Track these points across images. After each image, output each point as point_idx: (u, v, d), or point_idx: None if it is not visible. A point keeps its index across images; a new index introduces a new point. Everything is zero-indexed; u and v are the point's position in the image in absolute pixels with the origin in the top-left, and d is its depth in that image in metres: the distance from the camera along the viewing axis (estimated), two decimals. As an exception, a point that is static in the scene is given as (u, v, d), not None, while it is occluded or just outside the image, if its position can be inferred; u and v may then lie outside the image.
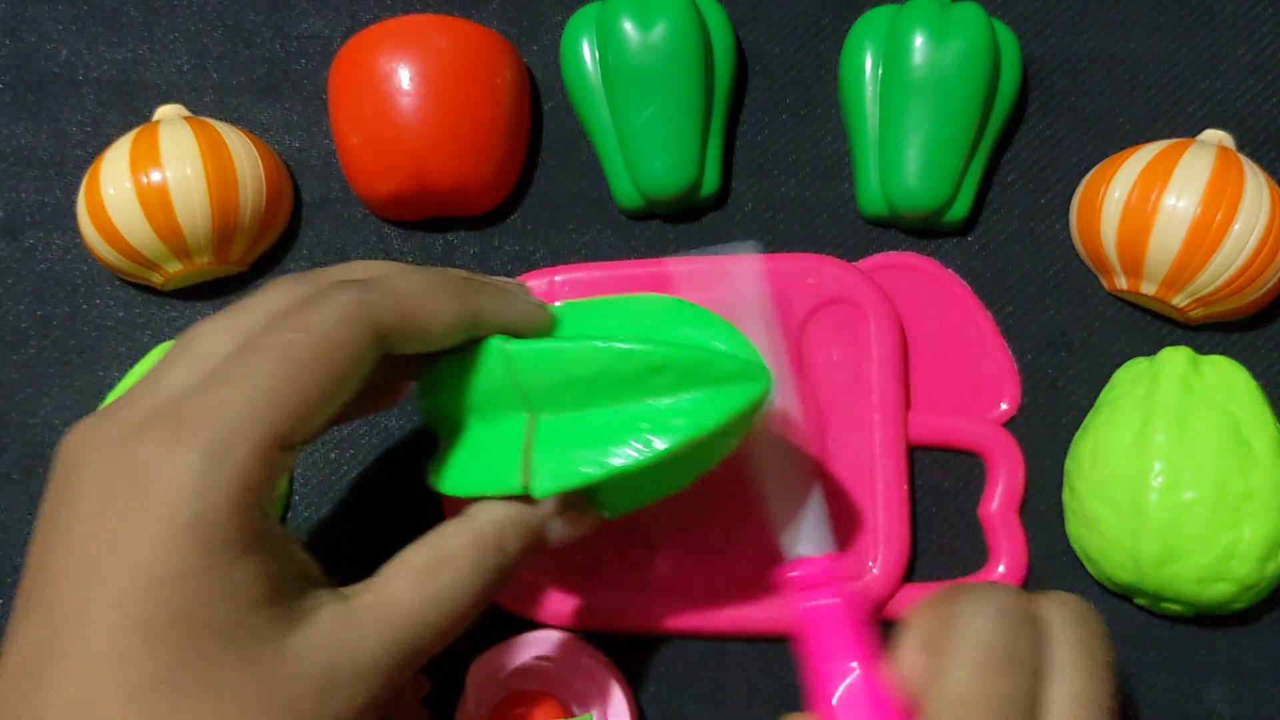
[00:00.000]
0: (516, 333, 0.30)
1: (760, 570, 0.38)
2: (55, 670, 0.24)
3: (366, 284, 0.28)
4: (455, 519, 0.29)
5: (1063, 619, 0.28)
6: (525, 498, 0.29)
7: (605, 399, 0.30)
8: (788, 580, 0.32)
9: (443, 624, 0.27)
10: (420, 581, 0.27)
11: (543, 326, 0.31)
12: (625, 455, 0.29)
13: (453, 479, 0.30)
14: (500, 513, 0.29)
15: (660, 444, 0.29)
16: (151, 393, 0.27)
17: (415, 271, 0.30)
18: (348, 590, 0.27)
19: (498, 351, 0.30)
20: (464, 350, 0.31)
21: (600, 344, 0.29)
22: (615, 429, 0.29)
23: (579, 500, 0.31)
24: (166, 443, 0.25)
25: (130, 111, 0.45)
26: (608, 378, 0.29)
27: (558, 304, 0.33)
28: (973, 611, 0.27)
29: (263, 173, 0.41)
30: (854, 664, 0.29)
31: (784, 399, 0.32)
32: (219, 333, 0.27)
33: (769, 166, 0.43)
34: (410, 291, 0.28)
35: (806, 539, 0.32)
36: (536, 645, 0.37)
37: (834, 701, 0.28)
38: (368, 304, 0.27)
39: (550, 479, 0.29)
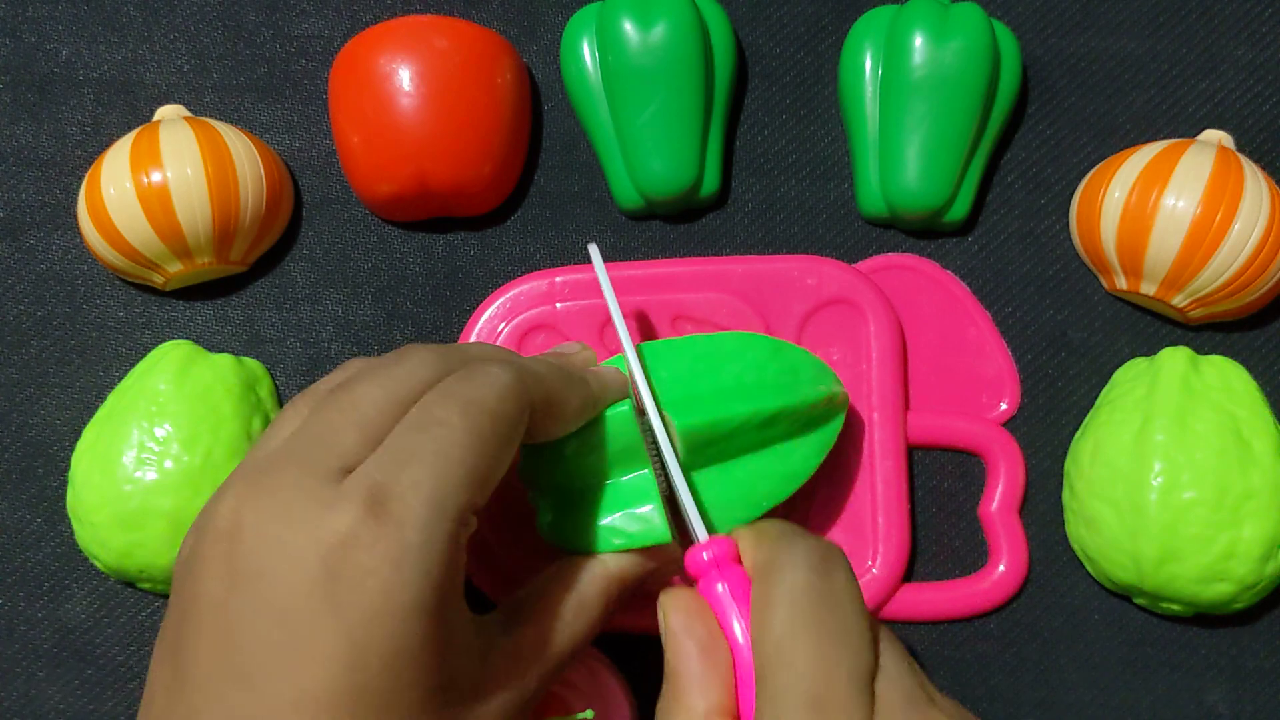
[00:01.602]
0: (610, 403, 0.33)
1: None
2: None
3: (519, 371, 0.29)
4: (589, 561, 0.32)
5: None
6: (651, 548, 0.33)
7: (743, 449, 0.35)
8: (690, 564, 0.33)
9: (574, 654, 0.31)
10: (565, 624, 0.30)
11: (625, 388, 0.34)
12: (785, 489, 0.35)
13: (588, 536, 0.32)
14: (627, 563, 0.32)
15: (798, 481, 0.35)
16: (325, 454, 0.27)
17: (539, 360, 0.32)
18: (503, 623, 0.30)
19: (625, 418, 0.32)
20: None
21: (752, 409, 0.34)
22: (761, 471, 0.35)
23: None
24: (378, 520, 0.25)
25: (130, 111, 0.45)
26: (744, 435, 0.34)
27: (641, 344, 0.36)
28: (787, 561, 0.28)
29: (263, 173, 0.41)
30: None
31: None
32: (378, 399, 0.28)
33: (769, 166, 0.43)
34: (549, 377, 0.30)
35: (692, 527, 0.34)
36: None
37: (719, 590, 0.30)
38: (522, 383, 0.29)
39: (735, 519, 0.34)
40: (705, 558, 0.30)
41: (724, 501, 0.34)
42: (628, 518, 0.32)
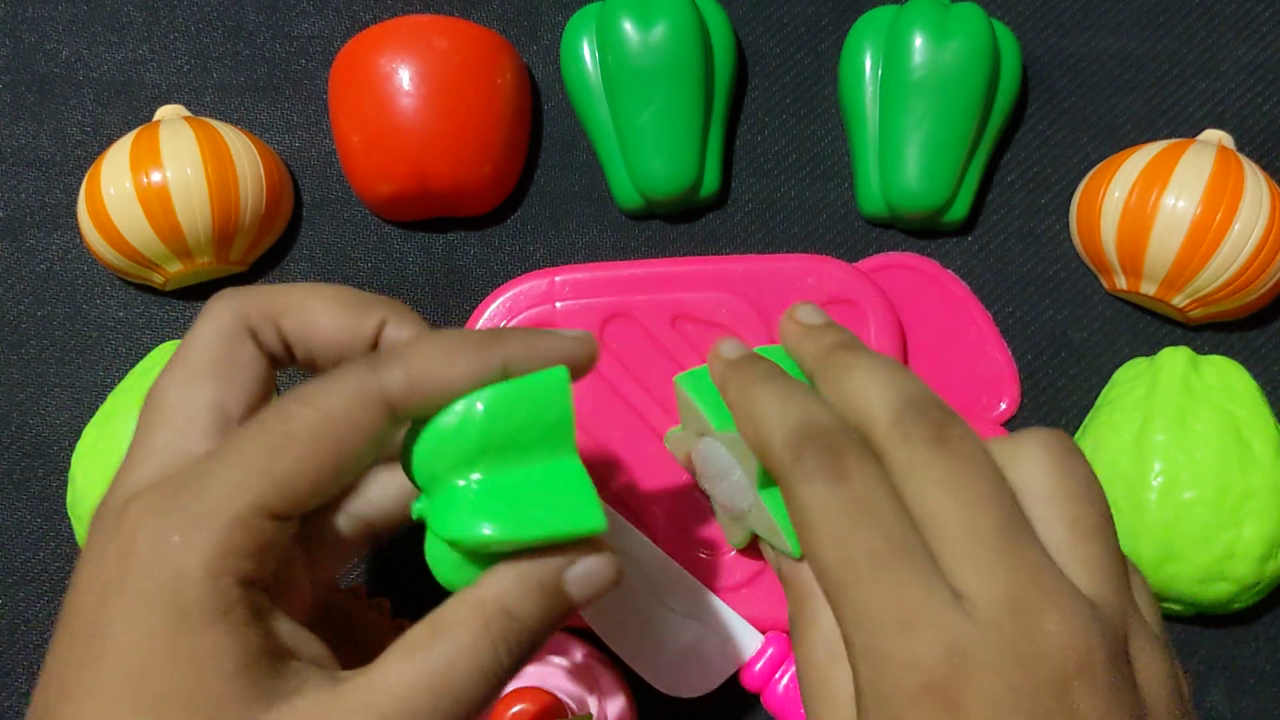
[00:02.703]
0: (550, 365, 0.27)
1: (756, 569, 0.38)
2: None
3: (379, 359, 0.26)
4: (460, 595, 0.25)
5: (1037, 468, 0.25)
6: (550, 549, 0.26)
7: None
8: (748, 682, 0.34)
9: (443, 705, 0.24)
10: (412, 658, 0.24)
11: (583, 359, 0.27)
12: None
13: (506, 521, 0.25)
14: (508, 576, 0.25)
15: None
16: (147, 459, 0.26)
17: (435, 334, 0.27)
18: (344, 673, 0.25)
19: (555, 382, 0.26)
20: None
21: None
22: None
23: (597, 545, 0.27)
24: (151, 512, 0.24)
25: (130, 111, 0.45)
26: None
27: (679, 375, 0.33)
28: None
29: (263, 173, 0.41)
30: None
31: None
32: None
33: (769, 166, 0.43)
34: (424, 356, 0.26)
35: (737, 646, 0.34)
36: (536, 645, 0.37)
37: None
38: (378, 381, 0.25)
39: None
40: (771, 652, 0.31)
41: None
42: (551, 502, 0.25)
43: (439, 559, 0.26)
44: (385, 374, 0.25)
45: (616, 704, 0.37)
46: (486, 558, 0.26)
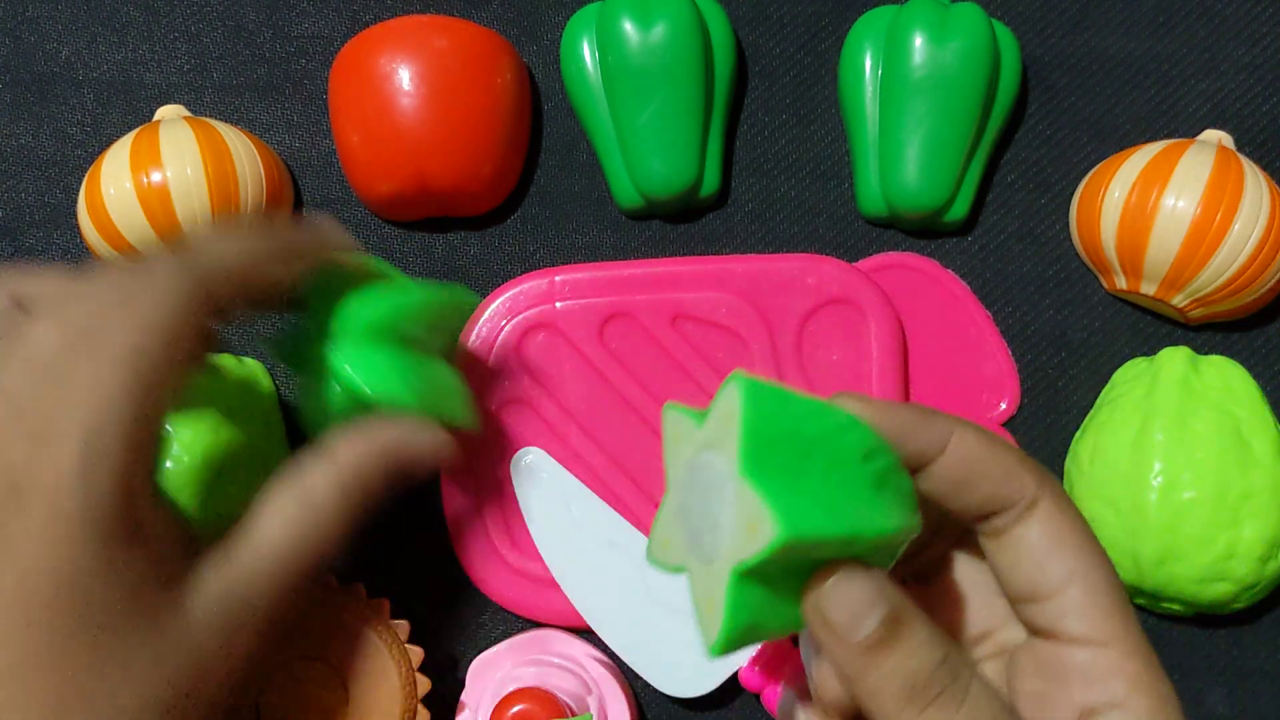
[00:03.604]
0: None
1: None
2: None
3: (191, 270, 0.29)
4: (320, 458, 0.31)
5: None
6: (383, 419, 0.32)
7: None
8: (748, 682, 0.35)
9: (316, 554, 0.30)
10: (292, 529, 0.30)
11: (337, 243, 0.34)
12: None
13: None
14: (361, 450, 0.31)
15: None
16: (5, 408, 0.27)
17: (234, 239, 0.32)
18: (227, 544, 0.29)
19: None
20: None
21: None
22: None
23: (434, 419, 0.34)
24: (37, 444, 0.26)
25: (130, 111, 0.45)
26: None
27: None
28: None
29: (263, 173, 0.41)
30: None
31: None
32: (49, 333, 0.28)
33: (769, 166, 0.43)
34: (241, 257, 0.31)
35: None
36: (536, 645, 0.37)
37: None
38: (198, 289, 0.29)
39: None
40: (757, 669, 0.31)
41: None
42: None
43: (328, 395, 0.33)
44: (214, 286, 0.30)
45: (617, 704, 0.37)
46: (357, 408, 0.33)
